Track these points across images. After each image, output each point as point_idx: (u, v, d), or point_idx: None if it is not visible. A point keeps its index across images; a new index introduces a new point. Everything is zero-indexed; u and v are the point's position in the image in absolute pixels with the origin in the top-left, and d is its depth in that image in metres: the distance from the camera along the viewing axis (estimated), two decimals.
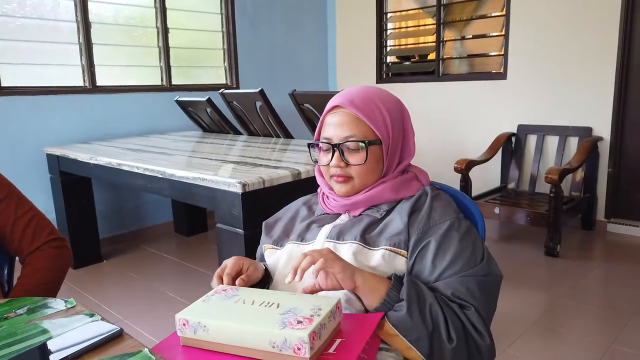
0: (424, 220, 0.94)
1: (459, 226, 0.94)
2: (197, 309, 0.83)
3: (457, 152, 3.99)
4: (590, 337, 2.16)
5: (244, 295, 0.86)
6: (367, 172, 0.99)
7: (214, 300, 0.86)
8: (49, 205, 3.20)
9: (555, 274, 2.84)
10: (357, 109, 0.97)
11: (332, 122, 1.00)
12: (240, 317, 0.78)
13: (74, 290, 2.79)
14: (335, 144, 0.98)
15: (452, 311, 0.84)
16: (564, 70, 3.57)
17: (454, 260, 0.89)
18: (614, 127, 3.42)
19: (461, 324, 0.83)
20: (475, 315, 0.84)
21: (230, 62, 4.24)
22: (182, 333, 0.82)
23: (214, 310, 0.82)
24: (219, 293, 0.88)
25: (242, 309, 0.81)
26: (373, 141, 0.97)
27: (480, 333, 0.84)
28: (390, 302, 0.83)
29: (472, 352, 0.83)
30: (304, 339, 0.70)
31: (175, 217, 3.86)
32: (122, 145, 3.02)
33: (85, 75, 3.39)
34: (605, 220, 3.53)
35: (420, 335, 0.81)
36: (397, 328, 0.81)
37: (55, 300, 0.98)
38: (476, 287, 0.87)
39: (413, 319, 0.80)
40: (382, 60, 4.70)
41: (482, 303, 0.87)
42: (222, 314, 0.80)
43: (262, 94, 3.00)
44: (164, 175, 2.10)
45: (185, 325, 0.81)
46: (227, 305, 0.83)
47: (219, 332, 0.78)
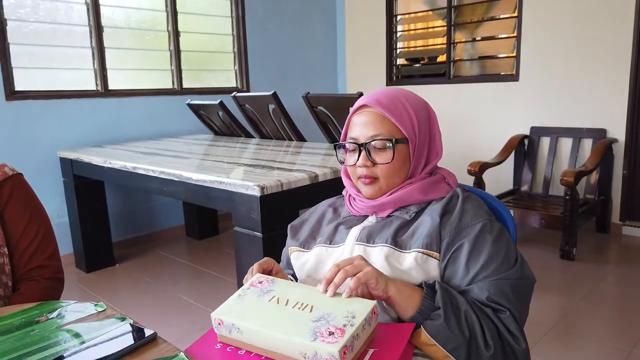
0: (455, 222, 0.93)
1: (492, 228, 0.93)
2: (232, 308, 0.83)
3: (470, 154, 3.97)
4: (610, 341, 2.13)
5: (279, 292, 0.84)
6: (393, 172, 0.98)
7: (249, 295, 0.85)
8: (62, 209, 3.21)
9: (571, 277, 2.81)
10: (383, 107, 0.96)
11: (359, 122, 0.99)
12: (272, 322, 0.77)
13: (87, 294, 2.79)
14: (362, 143, 0.98)
15: (486, 317, 0.83)
16: (577, 72, 3.54)
17: (488, 262, 0.87)
18: (629, 129, 3.38)
19: (497, 329, 0.82)
20: (510, 320, 0.83)
21: (240, 65, 4.24)
22: (218, 331, 0.82)
23: (248, 310, 0.81)
24: (254, 286, 0.87)
25: (276, 312, 0.79)
26: (400, 140, 0.97)
27: (516, 337, 0.82)
28: (425, 311, 0.82)
29: (509, 357, 0.82)
30: (334, 355, 0.69)
31: (186, 221, 3.86)
32: (135, 148, 3.02)
33: (98, 79, 3.40)
34: (621, 223, 3.50)
35: (458, 343, 0.79)
36: (434, 338, 0.79)
37: (84, 304, 0.97)
38: (510, 290, 0.86)
39: (450, 327, 0.79)
40: (392, 63, 4.69)
41: (517, 306, 0.85)
42: (256, 317, 0.79)
43: (275, 97, 3.00)
44: (180, 178, 2.09)
45: (220, 324, 0.81)
46: (261, 305, 0.82)
47: (252, 336, 0.78)
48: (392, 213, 1.01)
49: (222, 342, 0.82)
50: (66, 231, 3.22)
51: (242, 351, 0.79)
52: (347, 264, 0.81)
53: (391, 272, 0.90)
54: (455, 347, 0.79)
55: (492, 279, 0.86)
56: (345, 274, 0.80)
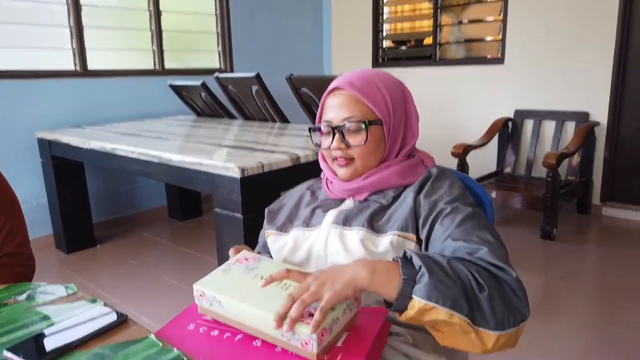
0: (429, 196, 0.92)
1: (466, 198, 0.93)
2: (215, 280, 0.82)
3: (454, 136, 3.97)
4: (587, 319, 2.17)
5: (264, 270, 0.83)
6: (368, 154, 0.97)
7: (234, 271, 0.84)
8: (41, 190, 3.15)
9: (551, 257, 2.86)
10: (356, 89, 0.95)
11: (332, 104, 0.98)
12: (255, 298, 0.76)
13: (68, 275, 2.76)
14: (336, 126, 0.97)
15: (468, 261, 0.77)
16: (561, 55, 3.55)
17: (464, 220, 0.85)
18: (611, 112, 3.41)
19: (482, 268, 0.76)
20: (489, 254, 0.77)
21: (224, 46, 4.17)
22: (199, 302, 0.82)
23: (231, 285, 0.80)
24: (240, 262, 0.87)
25: (258, 288, 0.78)
26: (373, 121, 0.95)
27: (502, 268, 0.76)
28: (409, 280, 0.73)
29: (505, 291, 0.74)
30: (312, 337, 0.69)
31: (169, 202, 3.82)
32: (115, 129, 2.97)
33: (77, 59, 3.32)
34: (601, 204, 3.55)
35: (454, 296, 0.71)
36: (430, 299, 0.70)
37: (55, 285, 0.95)
38: (488, 234, 0.82)
39: (441, 281, 0.71)
40: (379, 45, 4.65)
41: (494, 243, 0.80)
42: (238, 291, 0.78)
43: (259, 79, 2.96)
44: (160, 160, 2.06)
45: (202, 296, 0.80)
46: (244, 281, 0.81)
47: (232, 310, 0.77)
48: (369, 197, 1.00)
49: (195, 323, 0.81)
50: (45, 212, 3.17)
51: (215, 332, 0.78)
52: (302, 292, 0.72)
53: (367, 255, 0.89)
54: (454, 301, 0.71)
55: (465, 229, 0.84)
56: (302, 304, 0.70)
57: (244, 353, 0.73)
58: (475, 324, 0.72)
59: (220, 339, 0.77)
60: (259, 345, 0.74)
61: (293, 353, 0.72)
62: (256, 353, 0.73)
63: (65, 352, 0.71)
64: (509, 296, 0.74)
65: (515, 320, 0.73)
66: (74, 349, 0.72)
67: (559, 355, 1.89)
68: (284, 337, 0.71)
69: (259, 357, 0.72)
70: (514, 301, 0.74)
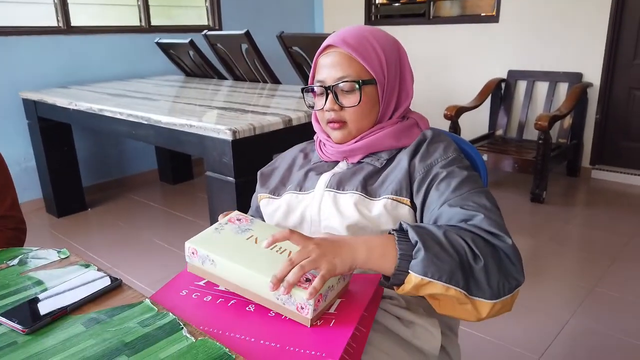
0: (424, 160, 0.91)
1: (462, 161, 0.91)
2: (208, 239, 0.79)
3: (447, 98, 3.94)
4: (574, 280, 2.22)
5: (257, 232, 0.81)
6: (362, 115, 0.95)
7: (226, 231, 0.81)
8: (29, 153, 3.10)
9: (540, 220, 2.90)
10: (350, 47, 0.92)
11: (325, 63, 0.95)
12: (250, 260, 0.74)
13: (59, 239, 2.76)
14: (329, 86, 0.94)
15: (463, 230, 0.76)
16: (557, 14, 3.48)
17: (460, 185, 0.84)
18: (604, 73, 3.39)
19: (479, 237, 0.75)
20: (485, 221, 0.77)
21: (212, 2, 4.03)
22: (189, 260, 0.79)
23: (224, 245, 0.78)
24: (232, 222, 0.84)
25: (253, 250, 0.76)
26: (367, 81, 0.93)
27: (498, 235, 0.75)
28: (406, 254, 0.73)
29: (501, 259, 0.74)
30: (309, 302, 0.68)
31: (160, 165, 3.79)
32: (102, 89, 2.89)
33: (59, 15, 3.19)
34: (590, 167, 3.58)
35: (451, 269, 0.71)
36: (426, 275, 0.71)
37: (47, 250, 0.94)
38: (484, 199, 0.82)
39: (436, 255, 0.71)
40: (371, 2, 4.52)
41: (490, 209, 0.80)
42: (232, 251, 0.76)
43: (248, 36, 2.88)
44: (149, 121, 2.02)
45: (194, 254, 0.78)
46: (238, 241, 0.79)
47: (226, 270, 0.75)
48: (362, 159, 0.98)
49: (188, 289, 0.80)
50: (34, 176, 3.13)
51: (208, 298, 0.78)
52: (302, 257, 0.70)
53: (360, 218, 0.88)
54: (450, 275, 0.71)
55: (461, 195, 0.83)
56: (301, 270, 0.69)
57: (238, 317, 0.73)
58: (471, 295, 0.72)
59: (213, 304, 0.77)
60: (252, 310, 0.74)
61: (286, 317, 0.72)
62: (250, 317, 0.73)
63: (60, 316, 0.71)
64: (505, 263, 0.74)
65: (510, 287, 0.73)
66: (68, 314, 0.72)
67: (546, 315, 1.94)
68: (279, 301, 0.71)
69: (252, 321, 0.72)
70: (509, 268, 0.74)
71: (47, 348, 0.65)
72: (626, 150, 3.47)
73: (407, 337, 0.83)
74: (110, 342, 0.65)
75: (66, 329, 0.69)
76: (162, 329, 0.68)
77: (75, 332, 0.68)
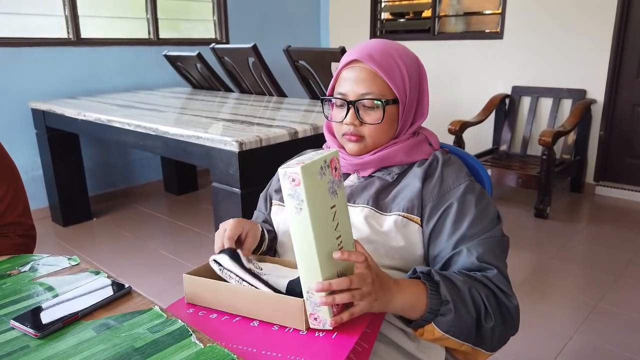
0: (437, 186, 0.91)
1: (474, 189, 0.92)
2: (316, 177, 0.71)
3: (451, 112, 3.96)
4: (577, 296, 2.22)
5: (339, 207, 0.75)
6: (380, 133, 0.94)
7: (327, 177, 0.74)
8: (36, 162, 3.13)
9: (544, 236, 2.90)
10: (376, 64, 0.91)
11: (349, 77, 0.94)
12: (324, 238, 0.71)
13: (64, 248, 2.77)
14: (351, 100, 0.93)
15: (481, 284, 0.82)
16: (561, 31, 3.52)
17: (473, 222, 0.87)
18: (608, 90, 3.41)
19: (493, 294, 0.82)
20: (499, 277, 0.83)
21: (220, 15, 4.09)
22: (284, 181, 0.69)
23: (319, 194, 0.71)
24: (333, 168, 0.75)
25: (329, 225, 0.73)
26: (390, 100, 0.92)
27: (508, 295, 0.82)
28: (435, 309, 0.78)
29: (506, 319, 0.82)
30: (327, 324, 0.72)
31: (165, 176, 3.81)
32: (110, 100, 2.93)
33: (69, 27, 3.25)
34: (594, 183, 3.58)
35: (469, 330, 0.80)
36: (449, 332, 0.78)
37: (58, 257, 0.96)
38: (498, 248, 0.86)
39: (463, 317, 0.78)
40: (377, 17, 4.58)
41: (503, 263, 0.87)
42: (320, 210, 0.71)
43: (255, 50, 2.92)
44: (156, 132, 2.05)
45: (294, 180, 0.68)
46: (326, 201, 0.72)
47: (302, 226, 0.69)
48: (373, 173, 0.98)
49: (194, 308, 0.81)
50: (41, 185, 3.16)
51: (214, 315, 0.79)
52: (359, 285, 0.71)
53: (371, 232, 0.89)
54: (468, 334, 0.80)
55: (479, 238, 0.86)
56: (351, 299, 0.71)
57: (242, 332, 0.75)
58: (475, 345, 0.82)
59: (218, 321, 0.78)
60: (256, 325, 0.76)
61: (289, 330, 0.73)
62: (253, 331, 0.74)
63: (71, 321, 0.72)
64: (508, 321, 0.83)
65: (507, 338, 0.85)
66: (79, 319, 0.73)
67: (550, 331, 1.94)
68: (307, 294, 0.71)
69: (255, 334, 0.74)
70: (511, 324, 0.84)
71: (59, 352, 0.66)
72: (630, 167, 3.48)
73: (411, 350, 0.84)
74: (120, 347, 0.66)
75: (77, 334, 0.70)
76: (171, 335, 0.69)
77: (87, 337, 0.69)
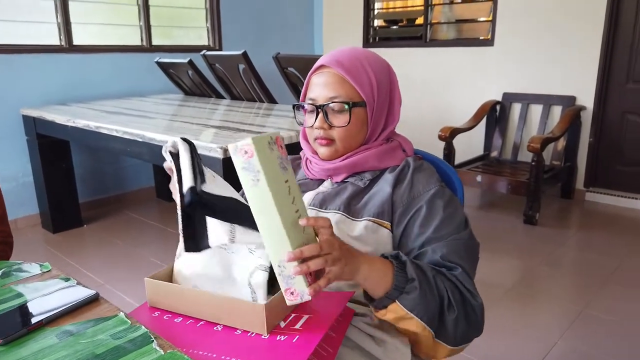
0: (407, 191, 0.93)
1: (443, 194, 0.93)
2: (266, 151, 0.70)
3: (442, 119, 3.98)
4: (564, 302, 2.22)
5: (291, 182, 0.73)
6: (350, 135, 0.96)
7: (275, 154, 0.72)
8: (27, 169, 3.13)
9: (533, 242, 2.90)
10: (342, 69, 0.94)
11: (318, 82, 0.97)
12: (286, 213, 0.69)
13: (53, 255, 2.77)
14: (320, 105, 0.95)
15: (446, 278, 0.83)
16: (550, 38, 3.54)
17: (440, 225, 0.88)
18: (597, 97, 3.43)
19: (457, 289, 0.83)
20: (464, 275, 0.84)
21: (212, 23, 4.12)
22: (236, 157, 0.69)
23: (273, 169, 0.70)
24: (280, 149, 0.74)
25: (287, 200, 0.71)
26: (357, 103, 0.94)
27: (473, 294, 0.84)
28: (400, 286, 0.79)
29: (469, 315, 0.83)
30: (306, 295, 0.69)
31: (157, 182, 3.82)
32: (101, 107, 2.94)
33: (62, 34, 3.26)
34: (584, 189, 3.60)
35: (433, 312, 0.80)
36: (413, 311, 0.79)
37: (30, 264, 0.96)
38: (463, 249, 0.87)
39: (427, 297, 0.79)
40: (369, 24, 4.61)
41: (469, 264, 0.87)
42: (275, 184, 0.69)
43: (245, 57, 2.93)
44: (143, 138, 2.05)
45: (247, 152, 0.67)
46: (280, 176, 0.71)
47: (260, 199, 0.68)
48: (346, 179, 1.00)
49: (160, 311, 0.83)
50: (31, 191, 3.16)
51: (178, 319, 0.80)
52: (329, 250, 0.71)
53: (341, 238, 0.90)
54: (431, 318, 0.80)
55: (445, 240, 0.87)
56: (324, 264, 0.70)
57: (205, 336, 0.75)
58: (437, 337, 0.82)
59: (182, 325, 0.79)
60: (220, 330, 0.77)
61: (252, 335, 0.74)
62: (216, 336, 0.75)
63: (35, 328, 0.73)
64: (472, 318, 0.83)
65: (470, 337, 0.84)
66: (44, 326, 0.74)
67: (534, 337, 1.94)
68: (279, 269, 0.69)
69: (218, 339, 0.74)
70: (474, 324, 0.84)
71: (20, 359, 0.66)
72: (620, 173, 3.49)
73: (378, 355, 0.84)
74: (81, 353, 0.67)
75: (40, 340, 0.70)
76: (133, 342, 0.69)
77: (49, 344, 0.69)
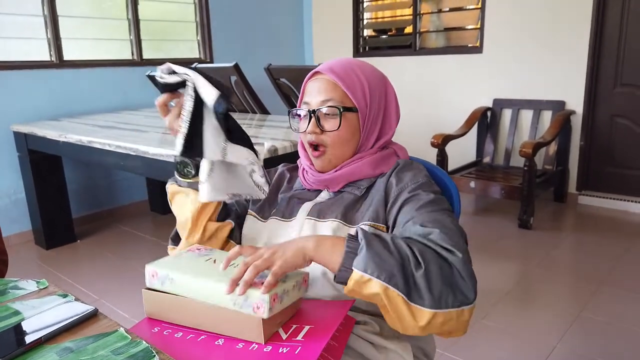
0: (394, 185, 0.94)
1: (430, 186, 0.94)
2: (167, 262, 0.85)
3: (434, 126, 4.01)
4: (561, 305, 2.23)
5: (216, 256, 0.86)
6: (341, 142, 0.97)
7: (186, 257, 0.86)
8: (19, 185, 3.11)
9: (528, 246, 2.92)
10: (335, 75, 0.96)
11: (312, 88, 0.99)
12: (206, 274, 0.78)
13: (47, 271, 2.74)
14: (312, 109, 0.97)
15: (415, 241, 0.78)
16: (538, 44, 3.59)
17: (424, 205, 0.87)
18: (586, 101, 3.47)
19: (426, 247, 0.77)
20: (439, 235, 0.78)
21: (203, 35, 4.13)
22: (150, 284, 0.82)
23: (183, 265, 0.82)
24: (191, 251, 0.89)
25: (211, 267, 0.81)
26: (349, 108, 0.96)
27: (448, 249, 0.76)
28: (352, 252, 0.75)
29: (445, 271, 0.74)
30: (264, 298, 0.71)
31: (150, 195, 3.80)
32: (92, 122, 2.93)
33: (52, 50, 3.26)
34: (577, 193, 3.63)
35: (390, 269, 0.72)
36: (365, 270, 0.72)
37: (27, 281, 0.95)
38: (445, 217, 0.84)
39: (378, 254, 0.73)
40: (359, 34, 4.65)
41: (448, 226, 0.82)
42: (190, 269, 0.80)
43: (237, 69, 2.94)
44: (137, 152, 2.05)
45: (154, 276, 0.81)
46: (197, 263, 0.83)
47: (184, 286, 0.79)
48: (343, 188, 1.01)
49: (160, 327, 0.82)
50: (24, 208, 3.13)
51: (179, 334, 0.79)
52: (256, 258, 0.75)
53: None
54: (390, 275, 0.72)
55: (427, 213, 0.86)
56: (255, 269, 0.74)
57: (207, 351, 0.74)
58: (411, 300, 0.72)
59: (183, 340, 0.78)
60: (221, 344, 0.76)
61: (254, 349, 0.73)
62: (218, 351, 0.74)
63: (34, 346, 0.72)
64: (453, 276, 0.74)
65: (455, 301, 0.72)
66: (43, 343, 0.73)
67: (533, 341, 1.94)
68: (236, 305, 0.73)
69: (220, 354, 0.73)
70: (458, 282, 0.74)
71: None
72: (611, 175, 3.53)
73: None
74: None
75: (40, 358, 0.69)
76: (134, 357, 0.69)
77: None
